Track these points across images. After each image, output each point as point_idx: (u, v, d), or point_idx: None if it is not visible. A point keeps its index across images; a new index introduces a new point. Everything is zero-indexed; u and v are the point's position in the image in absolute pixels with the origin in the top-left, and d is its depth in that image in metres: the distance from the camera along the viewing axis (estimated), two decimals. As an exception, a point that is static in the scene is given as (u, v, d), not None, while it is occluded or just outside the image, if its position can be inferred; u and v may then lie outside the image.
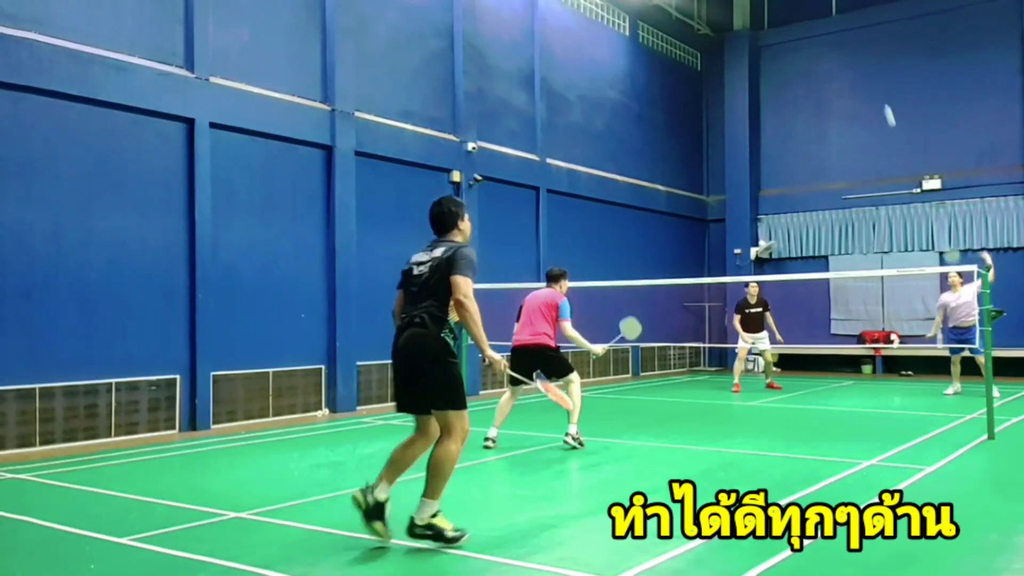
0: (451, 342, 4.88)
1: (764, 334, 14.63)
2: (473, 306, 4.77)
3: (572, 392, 8.35)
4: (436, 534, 4.72)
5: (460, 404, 4.84)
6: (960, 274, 13.03)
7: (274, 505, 6.01)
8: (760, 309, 14.55)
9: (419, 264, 5.03)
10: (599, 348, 8.60)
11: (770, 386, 14.68)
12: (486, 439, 8.36)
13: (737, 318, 14.64)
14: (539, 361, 8.40)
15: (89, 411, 9.13)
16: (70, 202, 9.13)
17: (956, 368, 13.24)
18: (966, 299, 12.95)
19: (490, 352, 4.93)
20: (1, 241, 8.58)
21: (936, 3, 17.97)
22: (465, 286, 4.77)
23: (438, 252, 4.96)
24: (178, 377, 9.98)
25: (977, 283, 12.99)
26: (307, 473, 7.39)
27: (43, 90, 8.89)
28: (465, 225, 5.20)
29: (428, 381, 4.84)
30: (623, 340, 8.14)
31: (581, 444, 8.29)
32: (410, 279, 5.04)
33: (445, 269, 4.85)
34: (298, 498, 6.24)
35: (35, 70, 8.80)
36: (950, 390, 13.28)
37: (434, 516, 4.73)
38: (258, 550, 4.92)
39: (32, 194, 8.82)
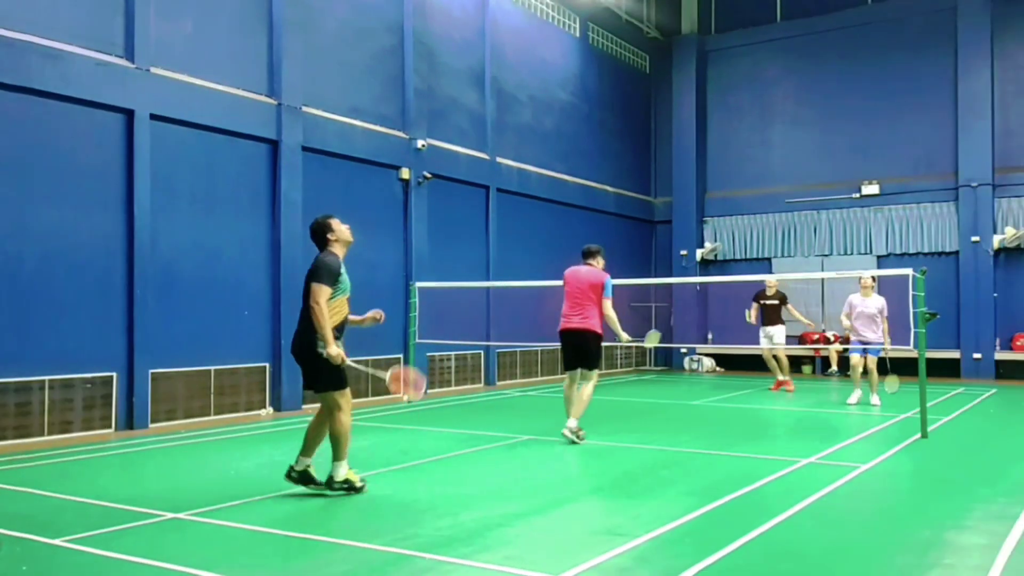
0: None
1: (780, 328, 14.37)
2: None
3: (586, 388, 8.61)
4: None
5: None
6: (874, 279, 12.09)
7: (214, 505, 5.89)
8: (776, 302, 14.42)
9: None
10: (626, 336, 8.72)
11: (782, 384, 14.33)
12: (573, 432, 8.41)
13: (755, 306, 14.50)
14: (584, 347, 8.60)
15: (21, 409, 8.82)
16: (1, 193, 8.81)
17: (856, 373, 11.88)
18: (870, 312, 11.67)
19: (333, 347, 6.05)
20: (-72, 232, 8.25)
21: (877, 14, 18.50)
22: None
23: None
24: (115, 375, 9.71)
25: (880, 300, 11.81)
26: (250, 472, 7.25)
27: (-26, 77, 8.58)
28: None
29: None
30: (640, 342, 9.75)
31: (580, 439, 8.44)
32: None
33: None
34: (240, 498, 6.12)
35: (-34, 55, 8.48)
36: (853, 399, 12.07)
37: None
38: (197, 551, 4.82)
39: (-39, 184, 8.50)
